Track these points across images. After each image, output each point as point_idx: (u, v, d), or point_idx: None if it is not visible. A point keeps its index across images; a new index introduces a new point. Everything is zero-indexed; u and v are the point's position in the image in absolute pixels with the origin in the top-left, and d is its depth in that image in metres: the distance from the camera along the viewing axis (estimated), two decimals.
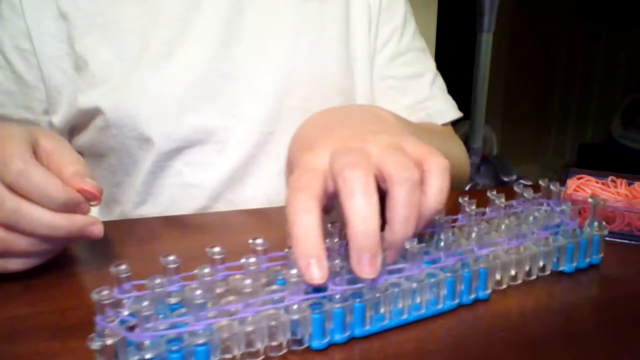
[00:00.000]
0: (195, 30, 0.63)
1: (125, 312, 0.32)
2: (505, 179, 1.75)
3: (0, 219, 0.39)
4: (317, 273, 0.34)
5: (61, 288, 0.43)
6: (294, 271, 0.34)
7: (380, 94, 0.73)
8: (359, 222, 0.35)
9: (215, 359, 0.33)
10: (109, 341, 0.31)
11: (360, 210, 0.35)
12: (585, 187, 0.56)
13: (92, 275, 0.46)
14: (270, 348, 0.34)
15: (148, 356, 0.30)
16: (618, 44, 2.78)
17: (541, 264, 0.45)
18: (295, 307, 0.34)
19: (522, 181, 0.51)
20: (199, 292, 0.32)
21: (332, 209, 0.41)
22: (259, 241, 0.39)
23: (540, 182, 0.51)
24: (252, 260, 0.36)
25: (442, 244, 0.41)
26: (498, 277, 0.43)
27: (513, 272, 0.44)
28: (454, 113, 0.77)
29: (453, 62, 0.95)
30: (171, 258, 0.37)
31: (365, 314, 0.36)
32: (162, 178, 0.65)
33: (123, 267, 0.35)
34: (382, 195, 0.38)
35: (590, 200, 0.47)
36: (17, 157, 0.39)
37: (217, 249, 0.38)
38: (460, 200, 0.47)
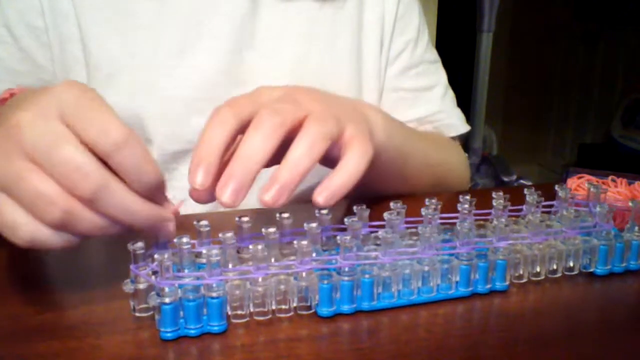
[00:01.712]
0: (208, 32, 0.62)
1: (154, 264, 0.37)
2: (505, 179, 1.69)
3: (85, 193, 0.33)
4: (200, 177, 0.38)
5: (61, 288, 0.42)
6: (304, 242, 0.38)
7: (390, 105, 0.72)
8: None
9: (229, 313, 0.37)
10: (140, 286, 0.37)
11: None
12: (585, 186, 0.55)
13: (93, 275, 0.46)
14: (279, 310, 0.38)
15: (167, 300, 0.35)
16: (618, 44, 2.70)
17: (571, 263, 0.45)
18: (304, 274, 0.38)
19: (522, 181, 0.51)
20: (215, 251, 0.36)
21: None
22: (285, 215, 0.43)
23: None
24: (272, 230, 0.40)
25: (460, 232, 0.43)
26: (521, 271, 0.44)
27: (538, 269, 0.44)
28: (463, 127, 0.77)
29: (453, 62, 0.93)
30: (203, 222, 0.41)
31: (373, 290, 0.39)
32: (167, 181, 0.63)
33: None
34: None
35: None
36: (118, 125, 0.34)
37: (245, 219, 0.42)
38: (494, 195, 0.48)
